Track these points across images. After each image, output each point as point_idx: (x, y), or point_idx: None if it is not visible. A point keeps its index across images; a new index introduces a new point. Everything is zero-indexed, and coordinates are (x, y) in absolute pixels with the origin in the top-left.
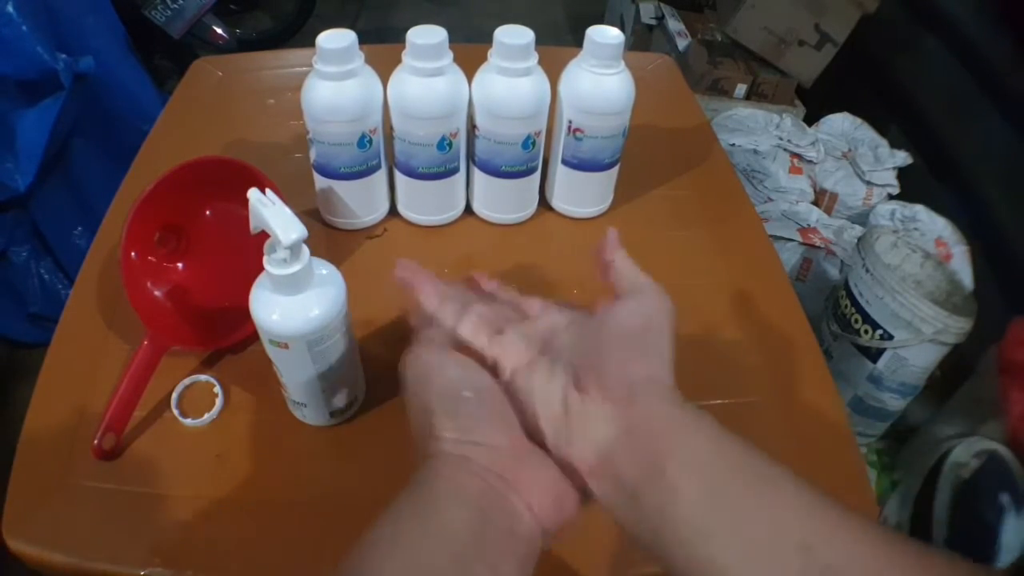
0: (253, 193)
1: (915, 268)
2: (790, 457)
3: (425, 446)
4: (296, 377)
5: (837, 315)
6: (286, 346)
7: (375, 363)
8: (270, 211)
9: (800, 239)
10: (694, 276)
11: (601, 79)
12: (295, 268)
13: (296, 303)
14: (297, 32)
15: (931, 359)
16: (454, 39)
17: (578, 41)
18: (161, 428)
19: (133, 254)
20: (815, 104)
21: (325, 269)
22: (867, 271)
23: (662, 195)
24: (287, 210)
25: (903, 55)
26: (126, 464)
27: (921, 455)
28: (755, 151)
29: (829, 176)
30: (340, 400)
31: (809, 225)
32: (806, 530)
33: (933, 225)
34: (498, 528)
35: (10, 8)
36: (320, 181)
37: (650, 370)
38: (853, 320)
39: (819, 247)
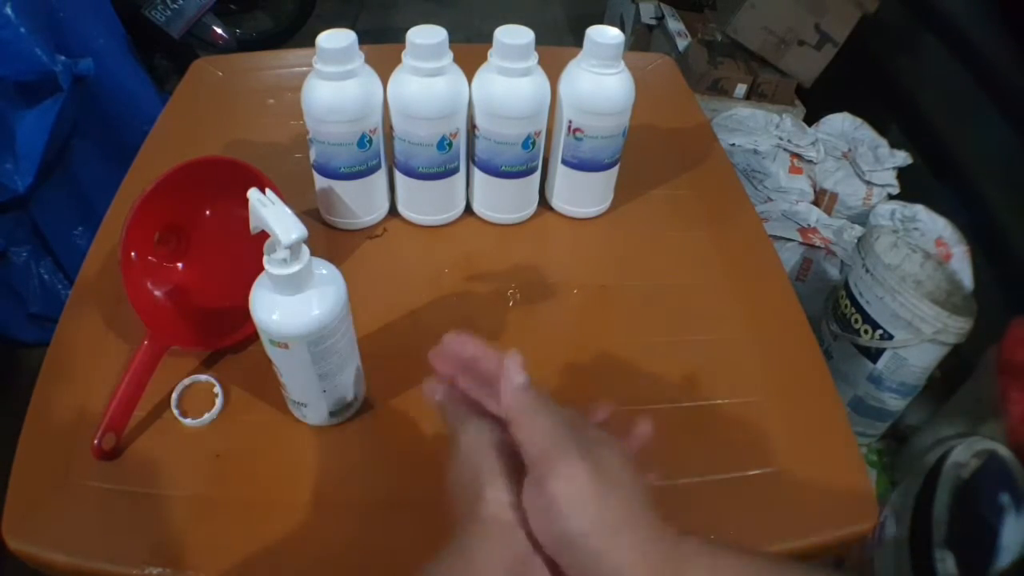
0: (253, 193)
1: (915, 268)
2: (790, 457)
3: (470, 510)
4: (296, 377)
5: (837, 315)
6: (286, 346)
7: (375, 363)
8: (270, 211)
9: (800, 239)
10: (694, 276)
11: (601, 79)
12: (295, 268)
13: (296, 303)
14: (297, 32)
15: (931, 359)
16: (454, 39)
17: (578, 41)
18: (161, 428)
19: (133, 254)
20: (815, 104)
21: (325, 269)
22: (867, 271)
23: (662, 195)
24: (287, 210)
25: (903, 55)
26: (126, 464)
27: (921, 455)
28: (755, 151)
29: (829, 176)
30: (340, 400)
31: (809, 225)
32: None
33: (933, 225)
34: None
35: (8, 10)
36: (320, 181)
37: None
38: (853, 320)
39: (819, 247)
